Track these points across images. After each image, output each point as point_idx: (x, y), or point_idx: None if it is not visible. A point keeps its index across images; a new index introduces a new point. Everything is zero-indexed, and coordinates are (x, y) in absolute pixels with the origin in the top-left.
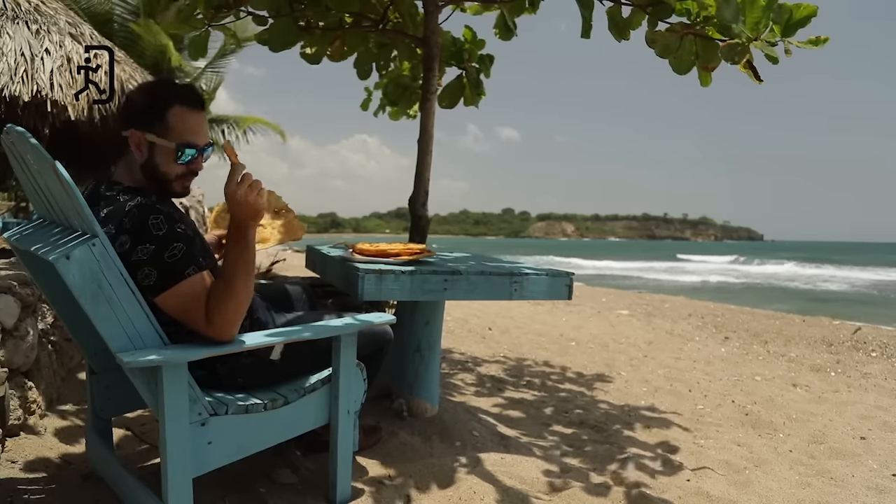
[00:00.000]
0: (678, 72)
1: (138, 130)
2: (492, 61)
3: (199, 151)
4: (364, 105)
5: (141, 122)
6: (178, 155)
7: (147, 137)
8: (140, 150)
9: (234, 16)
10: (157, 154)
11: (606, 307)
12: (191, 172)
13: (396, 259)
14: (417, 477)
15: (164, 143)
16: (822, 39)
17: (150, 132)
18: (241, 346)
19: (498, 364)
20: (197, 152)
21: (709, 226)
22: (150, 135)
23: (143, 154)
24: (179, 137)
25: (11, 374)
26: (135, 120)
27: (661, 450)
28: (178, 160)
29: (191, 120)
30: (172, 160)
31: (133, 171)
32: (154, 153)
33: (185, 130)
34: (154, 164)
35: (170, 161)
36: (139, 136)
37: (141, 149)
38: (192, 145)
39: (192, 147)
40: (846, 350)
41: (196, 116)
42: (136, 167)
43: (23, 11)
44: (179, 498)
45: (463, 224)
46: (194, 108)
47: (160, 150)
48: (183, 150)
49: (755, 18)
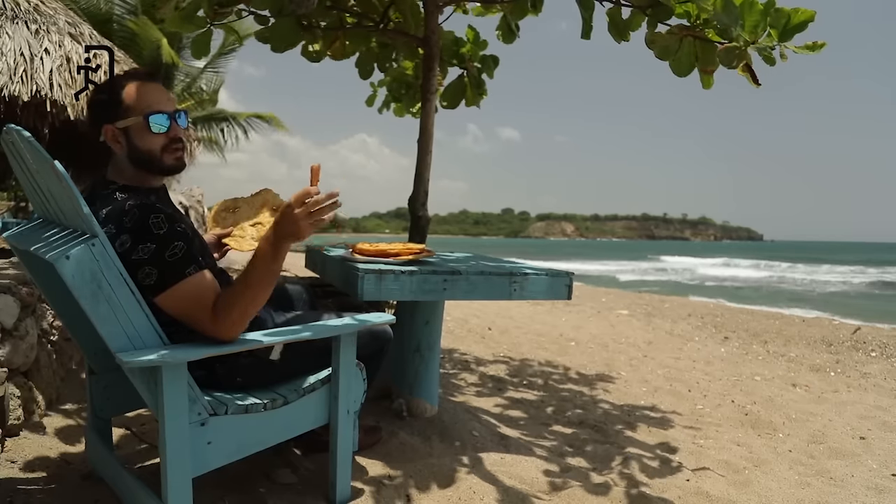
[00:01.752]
0: (678, 74)
1: (108, 125)
2: (496, 63)
3: (169, 117)
4: (369, 101)
5: (106, 116)
6: (150, 125)
7: (117, 126)
8: (118, 142)
9: (236, 15)
10: (132, 136)
11: (606, 307)
12: (173, 141)
13: (396, 259)
14: (417, 477)
15: (132, 122)
16: (819, 45)
17: (117, 120)
18: (241, 346)
19: (497, 364)
20: (168, 117)
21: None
22: (118, 122)
23: (122, 145)
24: (144, 110)
25: (11, 373)
26: (101, 118)
27: (660, 450)
28: (152, 130)
29: (146, 91)
30: (148, 132)
31: (122, 169)
32: (130, 137)
33: (146, 102)
34: (136, 148)
35: (146, 135)
36: (111, 130)
37: (118, 140)
38: (159, 111)
39: (159, 113)
40: (846, 350)
41: (150, 87)
42: (124, 163)
43: (22, 11)
44: (179, 498)
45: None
46: (146, 80)
47: (133, 131)
48: (151, 119)
49: (754, 22)
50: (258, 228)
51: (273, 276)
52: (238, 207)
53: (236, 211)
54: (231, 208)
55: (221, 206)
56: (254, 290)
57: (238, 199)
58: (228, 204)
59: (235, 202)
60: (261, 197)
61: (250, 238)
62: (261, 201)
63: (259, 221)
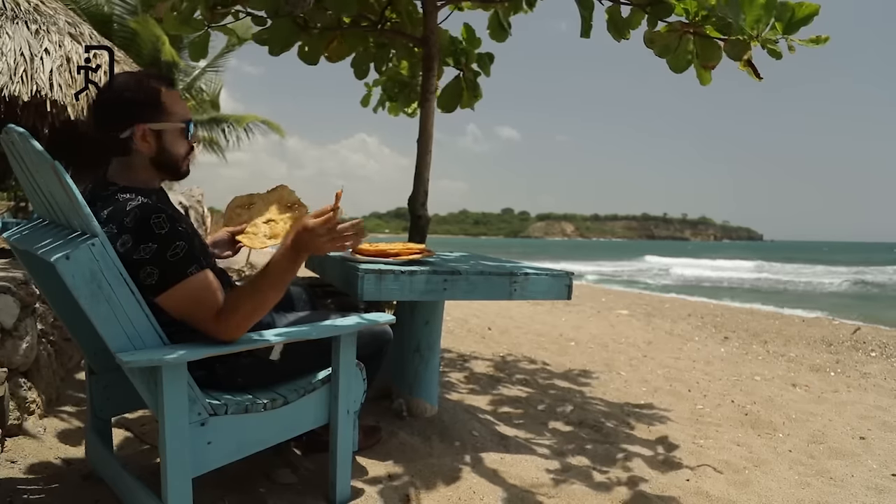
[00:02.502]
0: (675, 70)
1: (142, 124)
2: (492, 60)
3: (193, 126)
4: (364, 101)
5: (143, 115)
6: (186, 132)
7: (152, 127)
8: (147, 142)
9: (233, 16)
10: (166, 140)
11: (606, 307)
12: (191, 149)
13: (396, 259)
14: (417, 477)
15: (172, 126)
16: (823, 38)
17: (153, 121)
18: (241, 346)
19: (497, 364)
20: (193, 126)
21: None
22: (156, 124)
23: (151, 146)
24: (182, 116)
25: (11, 374)
26: (135, 115)
27: (660, 449)
28: (187, 137)
29: (177, 98)
30: (181, 139)
31: (131, 170)
32: (163, 140)
33: (180, 108)
34: (165, 151)
35: (180, 141)
36: (144, 129)
37: (148, 140)
38: (190, 119)
39: (190, 121)
40: (845, 350)
41: (177, 94)
42: (136, 165)
43: (22, 11)
44: (179, 498)
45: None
46: (173, 88)
47: (169, 135)
48: (188, 126)
49: (755, 16)
50: (271, 226)
51: (283, 285)
52: (253, 203)
53: (251, 207)
54: (246, 205)
55: (236, 203)
56: (263, 294)
57: (253, 195)
58: (243, 200)
59: (251, 198)
60: (276, 193)
61: (263, 235)
62: (276, 197)
63: (272, 218)
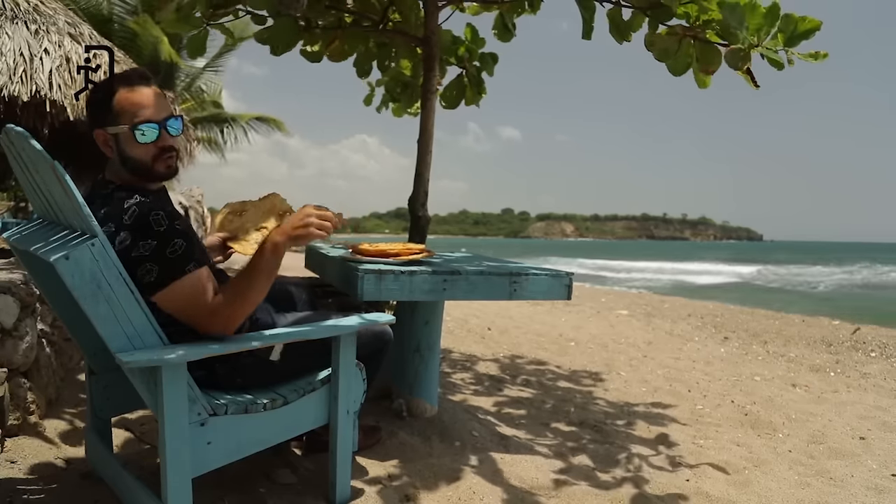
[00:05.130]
0: (674, 73)
1: (100, 129)
2: (495, 60)
3: (159, 126)
4: (367, 100)
5: (98, 120)
6: (135, 136)
7: (108, 132)
8: (108, 146)
9: (234, 15)
10: (121, 144)
11: (606, 307)
12: (163, 150)
13: (396, 259)
14: (417, 477)
15: (121, 130)
16: (822, 55)
17: (107, 125)
18: (241, 346)
19: (497, 364)
20: (157, 127)
21: (708, 226)
22: (109, 128)
23: (111, 150)
24: (132, 119)
25: (11, 374)
26: (93, 121)
27: (660, 449)
28: (138, 140)
29: (137, 98)
30: (134, 142)
31: (117, 170)
32: (119, 144)
33: (135, 110)
34: (125, 155)
35: (134, 145)
36: (102, 135)
37: (109, 145)
38: (147, 121)
39: (147, 122)
40: (845, 350)
41: (141, 93)
42: (118, 165)
43: (22, 11)
44: (179, 498)
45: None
46: (138, 86)
47: (122, 139)
48: (137, 129)
49: (756, 25)
50: (263, 233)
51: (271, 270)
52: (245, 211)
53: (243, 214)
54: (238, 212)
55: (229, 210)
56: (254, 286)
57: (246, 202)
58: (236, 207)
59: (243, 205)
60: (268, 201)
61: (254, 242)
62: (268, 205)
63: (265, 226)
